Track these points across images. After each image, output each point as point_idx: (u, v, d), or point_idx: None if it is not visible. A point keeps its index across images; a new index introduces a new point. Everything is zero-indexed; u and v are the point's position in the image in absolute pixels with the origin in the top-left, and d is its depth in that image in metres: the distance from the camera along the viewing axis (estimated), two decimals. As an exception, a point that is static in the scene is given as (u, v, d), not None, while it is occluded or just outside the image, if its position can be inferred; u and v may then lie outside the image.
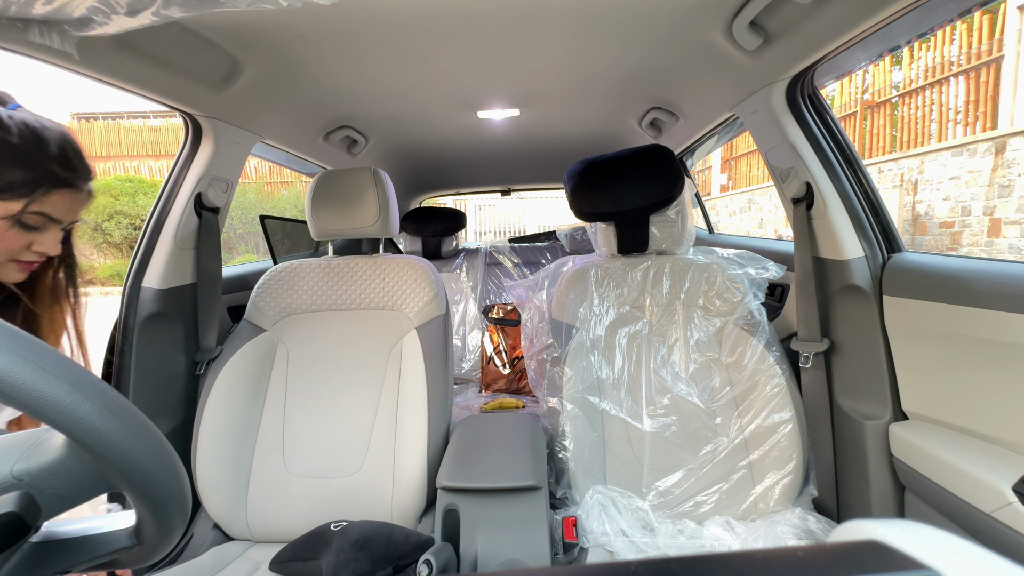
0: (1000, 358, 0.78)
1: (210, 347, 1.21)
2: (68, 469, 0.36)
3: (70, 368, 0.33)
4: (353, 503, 1.02)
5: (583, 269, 1.21)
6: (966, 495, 0.78)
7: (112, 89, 0.94)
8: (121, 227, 8.62)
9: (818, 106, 1.09)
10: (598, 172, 1.20)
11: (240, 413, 1.06)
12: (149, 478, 0.37)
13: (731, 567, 0.22)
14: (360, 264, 1.20)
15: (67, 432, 0.33)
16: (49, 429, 0.37)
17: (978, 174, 4.15)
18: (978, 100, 4.49)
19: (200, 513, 1.05)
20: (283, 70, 1.13)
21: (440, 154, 2.07)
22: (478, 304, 2.18)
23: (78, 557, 0.42)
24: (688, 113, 1.46)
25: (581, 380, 1.12)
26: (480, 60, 1.14)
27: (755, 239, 1.73)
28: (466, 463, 0.91)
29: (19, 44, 0.72)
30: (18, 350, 0.31)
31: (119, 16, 0.65)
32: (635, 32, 1.03)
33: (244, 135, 1.24)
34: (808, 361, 1.09)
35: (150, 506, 0.38)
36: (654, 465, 1.09)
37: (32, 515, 0.36)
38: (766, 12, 0.90)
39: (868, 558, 0.21)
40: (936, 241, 4.60)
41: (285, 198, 9.63)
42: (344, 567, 0.74)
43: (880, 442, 0.98)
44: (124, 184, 8.82)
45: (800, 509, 1.02)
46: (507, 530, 0.81)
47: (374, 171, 1.18)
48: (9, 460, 0.36)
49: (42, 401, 0.31)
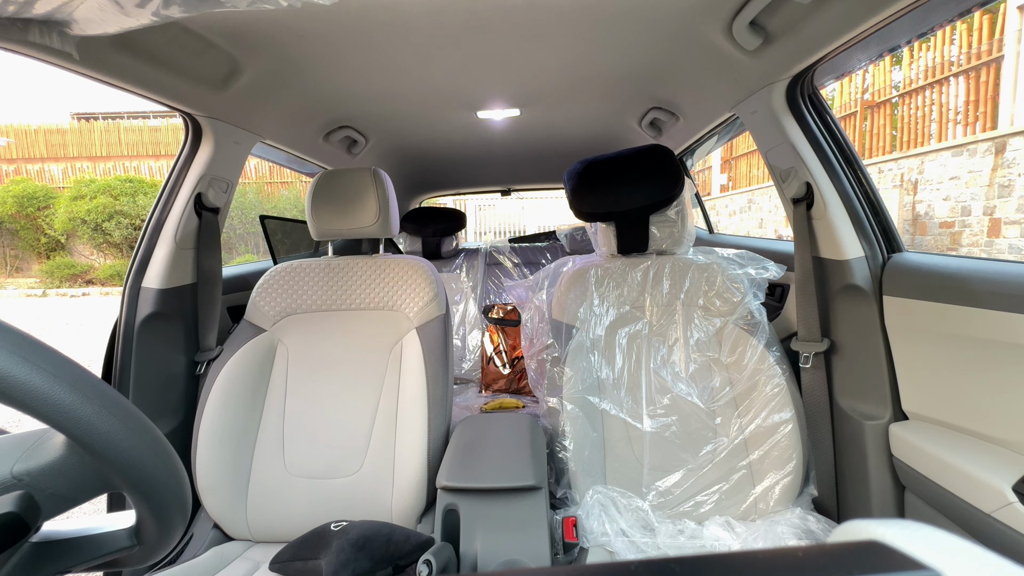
0: (1000, 358, 0.78)
1: (210, 347, 1.21)
2: (68, 469, 0.36)
3: (70, 368, 0.33)
4: (353, 503, 1.02)
5: (583, 269, 1.21)
6: (966, 495, 0.78)
7: (112, 89, 0.94)
8: (121, 227, 8.63)
9: (818, 106, 1.09)
10: (598, 172, 1.20)
11: (240, 413, 1.06)
12: (149, 478, 0.37)
13: (731, 567, 0.22)
14: (360, 264, 1.20)
15: (67, 432, 0.33)
16: (49, 429, 0.37)
17: (978, 174, 4.15)
18: (978, 100, 4.49)
19: (200, 513, 1.05)
20: (283, 70, 1.13)
21: (440, 154, 2.07)
22: (478, 304, 2.18)
23: (78, 557, 0.42)
24: (688, 113, 1.46)
25: (581, 380, 1.12)
26: (480, 60, 1.14)
27: (755, 239, 1.73)
28: (466, 463, 0.91)
29: (19, 44, 0.72)
30: (18, 350, 0.31)
31: (119, 16, 0.65)
32: (635, 32, 1.03)
33: (244, 135, 1.24)
34: (808, 361, 1.09)
35: (150, 506, 0.38)
36: (654, 465, 1.09)
37: (32, 515, 0.36)
38: (766, 12, 0.90)
39: (868, 558, 0.21)
40: (936, 241, 4.60)
41: (285, 198, 9.63)
42: (344, 567, 0.74)
43: (880, 442, 0.98)
44: (124, 184, 8.83)
45: (800, 509, 1.02)
46: (507, 530, 0.81)
47: (374, 171, 1.18)
48: (9, 460, 0.36)
49: (42, 401, 0.31)
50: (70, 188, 8.99)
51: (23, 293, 8.45)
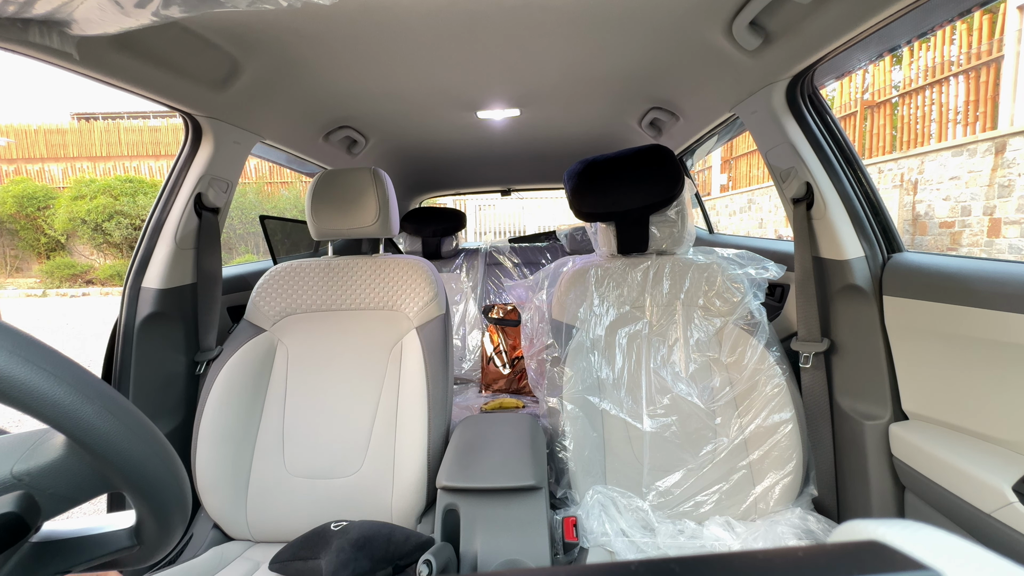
0: (1000, 358, 0.78)
1: (210, 347, 1.21)
2: (68, 469, 0.36)
3: (70, 368, 0.33)
4: (353, 503, 1.02)
5: (583, 269, 1.21)
6: (966, 495, 0.78)
7: (112, 89, 0.94)
8: (121, 227, 8.63)
9: (818, 106, 1.09)
10: (598, 172, 1.20)
11: (240, 413, 1.06)
12: (149, 478, 0.37)
13: (731, 567, 0.22)
14: (360, 264, 1.20)
15: (67, 432, 0.33)
16: (49, 429, 0.37)
17: (978, 174, 4.15)
18: (978, 100, 4.48)
19: (200, 513, 1.05)
20: (283, 70, 1.13)
21: (440, 154, 2.07)
22: (478, 304, 2.18)
23: (78, 557, 0.42)
24: (688, 113, 1.46)
25: (581, 380, 1.12)
26: (480, 60, 1.14)
27: (755, 239, 1.73)
28: (466, 463, 0.91)
29: (19, 44, 0.72)
30: (18, 350, 0.31)
31: (119, 16, 0.65)
32: (635, 32, 1.03)
33: (244, 135, 1.24)
34: (808, 361, 1.09)
35: (150, 506, 0.38)
36: (654, 465, 1.09)
37: (32, 515, 0.36)
38: (766, 12, 0.90)
39: (868, 558, 0.21)
40: (936, 241, 4.60)
41: (285, 198, 9.63)
42: (344, 567, 0.74)
43: (880, 442, 0.98)
44: (124, 184, 8.83)
45: (800, 509, 1.02)
46: (507, 530, 0.81)
47: (374, 171, 1.18)
48: (9, 460, 0.36)
49: (42, 401, 0.31)
50: (70, 188, 8.99)
51: (23, 293, 8.45)
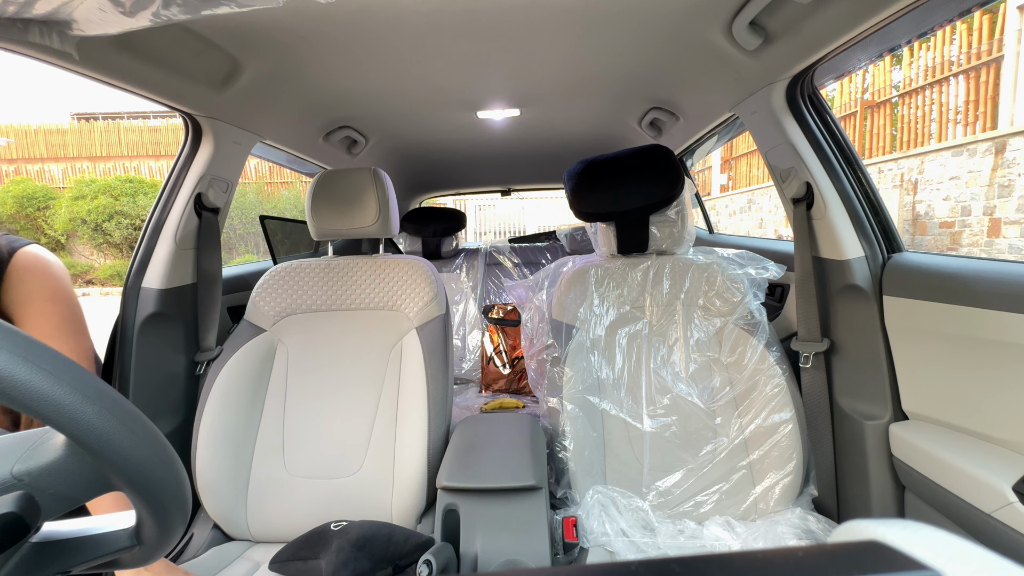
0: (1000, 358, 0.78)
1: (210, 347, 1.21)
2: (68, 469, 0.36)
3: (70, 368, 0.33)
4: (353, 503, 1.02)
5: (583, 269, 1.21)
6: (966, 495, 0.78)
7: (112, 89, 0.94)
8: (121, 227, 8.63)
9: (818, 106, 1.09)
10: (598, 172, 1.20)
11: (240, 413, 1.06)
12: (149, 478, 0.37)
13: (731, 567, 0.22)
14: (360, 264, 1.20)
15: (67, 432, 0.33)
16: (49, 429, 0.37)
17: (978, 174, 4.15)
18: (978, 100, 4.49)
19: (200, 513, 1.05)
20: (283, 70, 1.13)
21: (440, 154, 2.07)
22: (478, 304, 2.18)
23: (78, 557, 0.41)
24: (688, 113, 1.46)
25: (581, 380, 1.12)
26: (480, 60, 1.14)
27: (755, 239, 1.72)
28: (466, 463, 0.91)
29: (19, 44, 0.72)
30: (18, 350, 0.31)
31: (119, 17, 0.65)
32: (635, 32, 1.03)
33: (244, 135, 1.24)
34: (808, 361, 1.09)
35: (150, 506, 0.38)
36: (654, 465, 1.09)
37: (32, 515, 0.36)
38: (766, 12, 0.90)
39: (868, 558, 0.21)
40: (936, 241, 4.60)
41: (285, 198, 9.63)
42: (344, 567, 0.74)
43: (880, 442, 0.98)
44: (124, 184, 8.83)
45: (800, 509, 1.02)
46: (507, 530, 0.81)
47: (374, 171, 1.18)
48: (9, 460, 0.36)
49: (42, 401, 0.31)
50: (70, 188, 8.98)
51: (23, 293, 8.43)
